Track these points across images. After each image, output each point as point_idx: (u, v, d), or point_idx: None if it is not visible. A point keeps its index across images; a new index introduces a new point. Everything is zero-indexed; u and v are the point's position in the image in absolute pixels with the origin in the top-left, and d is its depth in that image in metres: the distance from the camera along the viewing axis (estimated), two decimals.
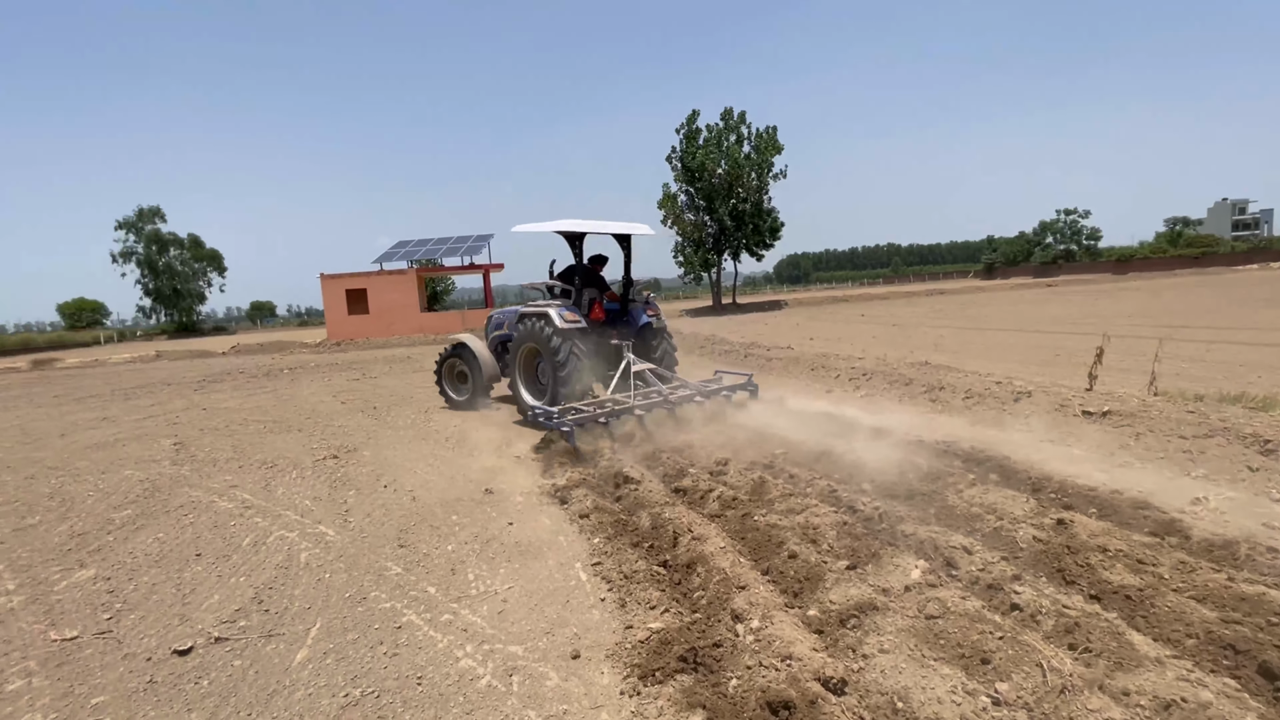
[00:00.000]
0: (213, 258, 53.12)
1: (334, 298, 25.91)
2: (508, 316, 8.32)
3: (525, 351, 7.34)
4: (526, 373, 7.45)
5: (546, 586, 3.14)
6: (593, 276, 7.69)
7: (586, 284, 7.51)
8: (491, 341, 8.54)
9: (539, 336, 6.89)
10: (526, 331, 7.16)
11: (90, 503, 5.05)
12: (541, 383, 7.26)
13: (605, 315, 7.40)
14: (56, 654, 2.74)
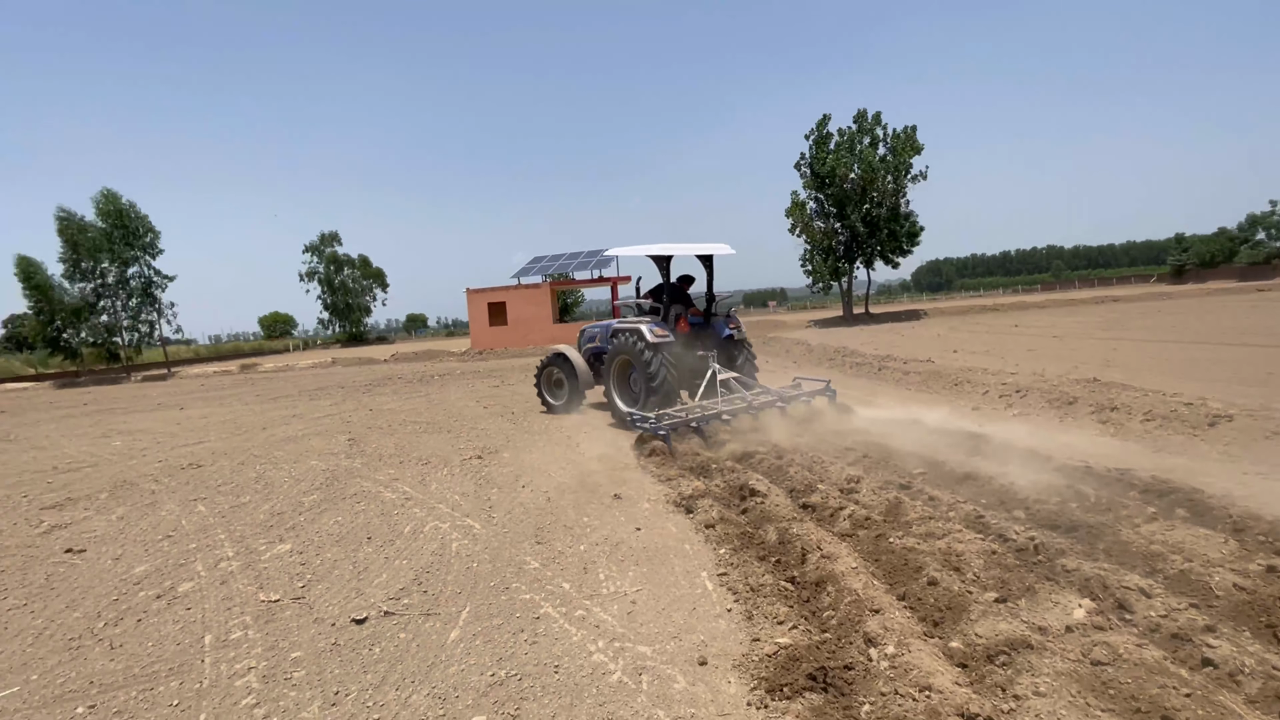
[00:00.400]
0: (378, 275, 59.82)
1: (477, 310, 28.16)
2: (600, 330, 9.11)
3: (619, 363, 8.03)
4: (620, 382, 8.13)
5: (673, 592, 3.21)
6: (679, 293, 8.34)
7: (674, 300, 8.16)
8: (585, 353, 9.25)
9: (632, 350, 7.55)
10: (620, 345, 7.85)
11: (285, 487, 5.92)
12: (634, 391, 7.86)
13: (690, 328, 8.03)
14: (264, 612, 3.26)
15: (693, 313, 8.33)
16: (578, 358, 9.06)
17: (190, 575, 3.84)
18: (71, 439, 10.35)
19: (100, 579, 3.90)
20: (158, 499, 5.81)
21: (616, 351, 7.98)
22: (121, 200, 32.04)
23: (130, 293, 32.76)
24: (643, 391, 7.48)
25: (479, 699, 2.39)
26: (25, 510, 5.72)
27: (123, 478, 6.87)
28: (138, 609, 3.41)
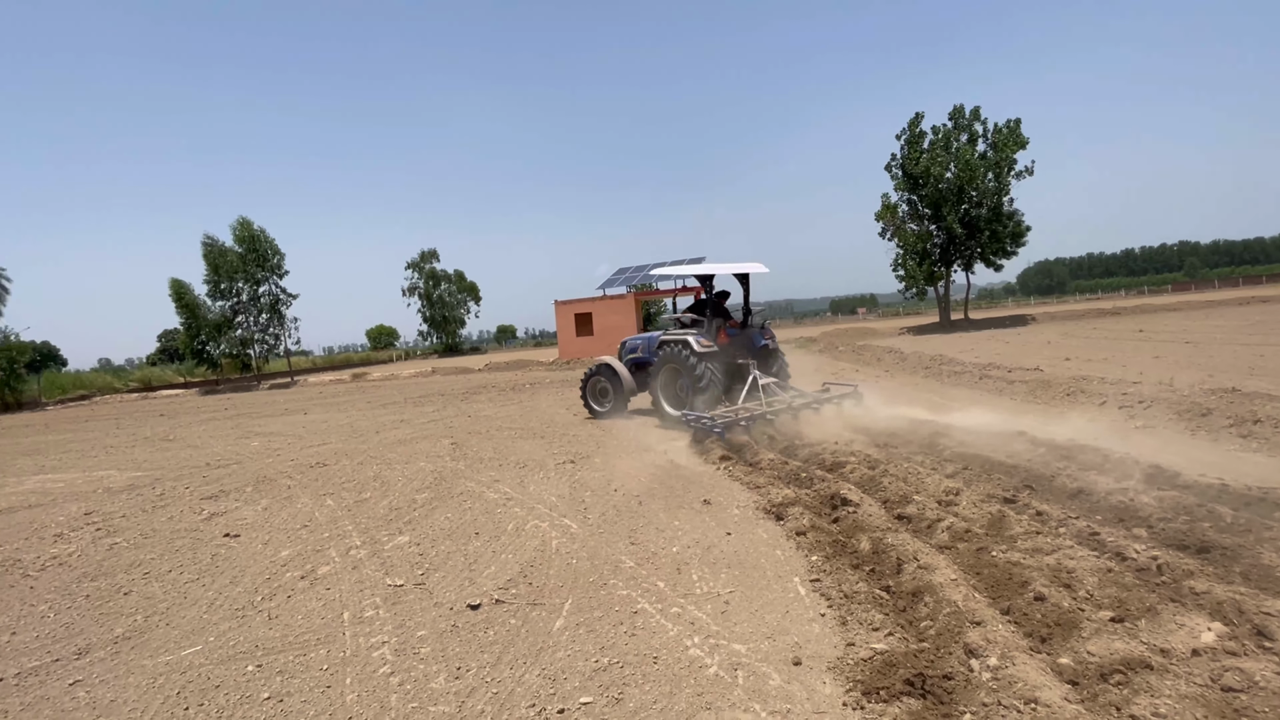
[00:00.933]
0: (471, 289, 63.06)
1: (565, 321, 29.12)
2: (642, 342, 10.11)
3: (667, 371, 8.95)
4: (667, 388, 9.06)
5: (765, 596, 3.28)
6: (719, 308, 9.25)
7: (715, 314, 9.04)
8: (626, 363, 10.17)
9: (679, 359, 8.48)
10: (668, 355, 8.76)
11: (399, 485, 6.46)
12: (680, 395, 8.78)
13: (729, 339, 8.76)
14: (391, 595, 3.63)
15: (730, 324, 9.11)
16: (622, 368, 9.98)
17: (326, 560, 4.32)
18: (218, 439, 11.70)
19: (254, 560, 4.46)
20: (293, 493, 6.51)
21: (665, 361, 8.85)
22: (253, 226, 35.83)
23: (261, 309, 36.50)
24: (690, 395, 8.36)
25: (585, 681, 2.58)
26: (189, 500, 6.57)
27: (262, 474, 7.73)
28: (286, 587, 3.89)
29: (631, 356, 10.18)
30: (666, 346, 8.83)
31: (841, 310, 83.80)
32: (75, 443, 13.14)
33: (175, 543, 5.04)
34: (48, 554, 4.99)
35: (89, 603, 3.90)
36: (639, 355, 10.05)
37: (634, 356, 10.14)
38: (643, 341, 10.10)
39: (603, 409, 10.14)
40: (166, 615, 3.60)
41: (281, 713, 2.53)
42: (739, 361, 8.61)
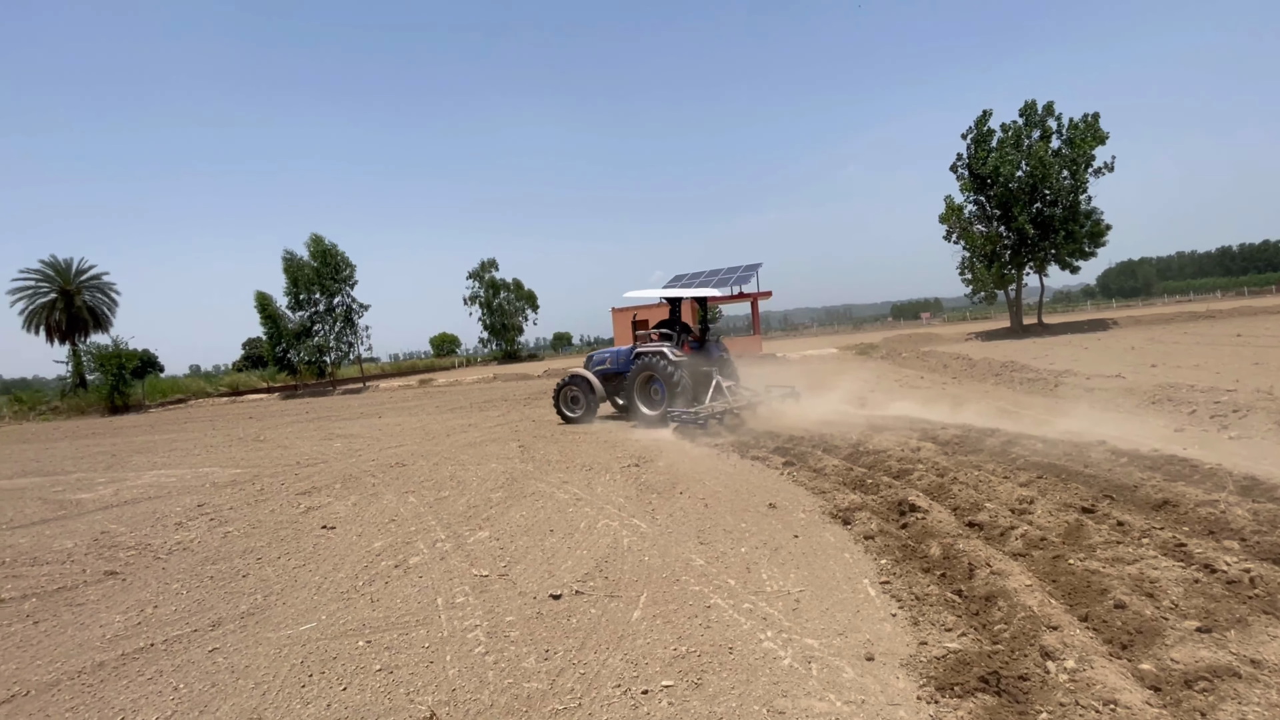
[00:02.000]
0: (529, 297, 64.63)
1: (622, 327, 29.49)
2: (610, 355, 11.60)
3: (642, 378, 10.32)
4: (641, 392, 10.41)
5: (835, 595, 3.37)
6: (684, 325, 10.85)
7: (682, 330, 10.71)
8: (595, 374, 11.46)
9: (656, 366, 9.95)
10: (645, 364, 10.18)
11: (475, 485, 6.83)
12: (653, 398, 10.24)
13: (691, 350, 10.42)
14: (478, 585, 3.91)
15: (693, 339, 10.80)
16: (593, 378, 11.34)
17: (416, 552, 4.66)
18: (303, 440, 12.55)
19: (350, 550, 4.86)
20: (378, 491, 6.98)
21: (641, 369, 10.27)
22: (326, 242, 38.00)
23: (335, 318, 38.62)
24: (666, 396, 9.90)
25: (665, 667, 2.75)
26: (286, 495, 7.15)
27: (348, 472, 8.29)
28: (383, 574, 4.23)
29: (600, 368, 11.57)
30: (643, 357, 10.29)
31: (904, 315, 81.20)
32: (179, 442, 14.34)
33: (279, 533, 5.53)
34: (172, 540, 5.56)
35: (214, 583, 4.36)
36: (607, 367, 11.48)
37: (602, 368, 11.54)
38: (610, 355, 11.62)
39: (575, 414, 11.44)
40: (282, 596, 4.00)
41: (393, 683, 2.81)
42: (704, 369, 10.23)
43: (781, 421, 8.99)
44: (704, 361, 10.38)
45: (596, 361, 11.75)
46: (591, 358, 11.93)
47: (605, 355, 11.73)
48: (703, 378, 10.09)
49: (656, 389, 10.11)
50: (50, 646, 3.51)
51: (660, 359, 9.93)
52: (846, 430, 7.65)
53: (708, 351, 10.67)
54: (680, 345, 10.32)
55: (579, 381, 11.45)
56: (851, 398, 11.19)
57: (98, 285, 41.51)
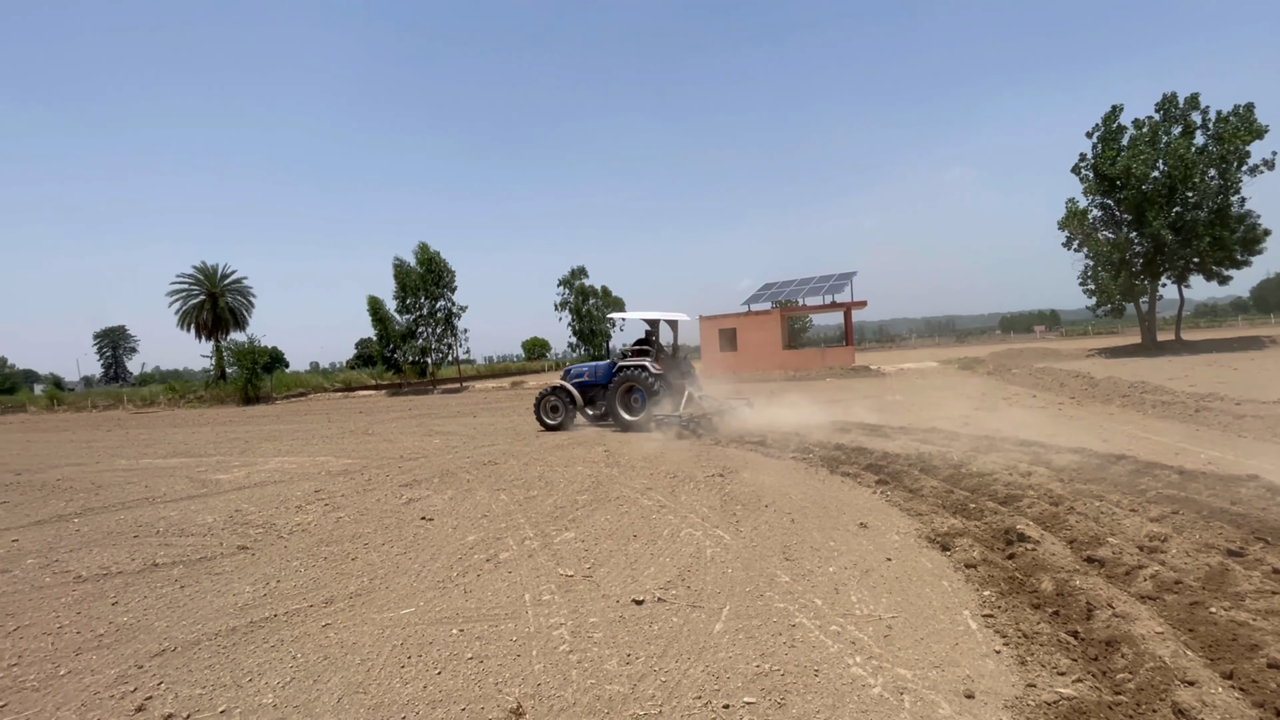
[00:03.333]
0: (617, 304, 65.75)
1: (709, 336, 29.38)
2: (588, 369, 12.90)
3: (623, 388, 11.85)
4: (623, 400, 11.89)
5: (931, 625, 3.18)
6: (658, 344, 12.43)
7: (656, 348, 12.32)
8: (574, 386, 12.72)
9: (638, 378, 11.60)
10: (626, 376, 11.80)
11: (562, 486, 7.02)
12: (633, 406, 11.78)
13: (664, 365, 11.95)
14: (563, 584, 4.01)
15: (665, 356, 12.34)
16: (573, 389, 12.61)
17: (506, 548, 4.86)
18: (406, 436, 13.40)
19: (446, 541, 5.14)
20: (472, 486, 7.34)
21: (622, 380, 11.83)
22: (430, 249, 40.52)
23: (437, 322, 41.08)
24: (644, 405, 11.50)
25: (747, 683, 2.70)
26: (390, 487, 7.66)
27: (445, 468, 8.77)
28: (475, 567, 4.44)
29: (578, 380, 12.86)
30: (625, 370, 11.93)
31: (1015, 328, 75.47)
32: (300, 432, 15.74)
33: (384, 521, 5.94)
34: (293, 521, 6.11)
35: (327, 563, 4.75)
36: (585, 379, 12.80)
37: (580, 380, 12.83)
38: (588, 369, 12.91)
39: (554, 422, 12.53)
40: (385, 580, 4.29)
41: (483, 671, 2.94)
42: (677, 381, 11.90)
43: (748, 425, 10.71)
44: (676, 375, 12.02)
45: (575, 374, 13.05)
46: (569, 371, 13.24)
47: (584, 369, 13.06)
48: (677, 388, 11.80)
49: (637, 398, 11.79)
50: (193, 609, 3.95)
51: (642, 371, 11.62)
52: (947, 449, 7.21)
53: (679, 367, 12.29)
54: (657, 360, 11.97)
55: (559, 392, 12.68)
56: (951, 416, 10.52)
57: (238, 289, 46.49)
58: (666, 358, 12.24)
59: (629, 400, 11.90)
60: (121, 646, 3.46)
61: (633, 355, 12.31)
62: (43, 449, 15.48)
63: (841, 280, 27.90)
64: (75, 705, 2.86)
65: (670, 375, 11.86)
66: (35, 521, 6.82)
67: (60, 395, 45.08)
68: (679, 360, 12.45)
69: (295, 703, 2.78)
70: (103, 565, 4.98)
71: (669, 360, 12.21)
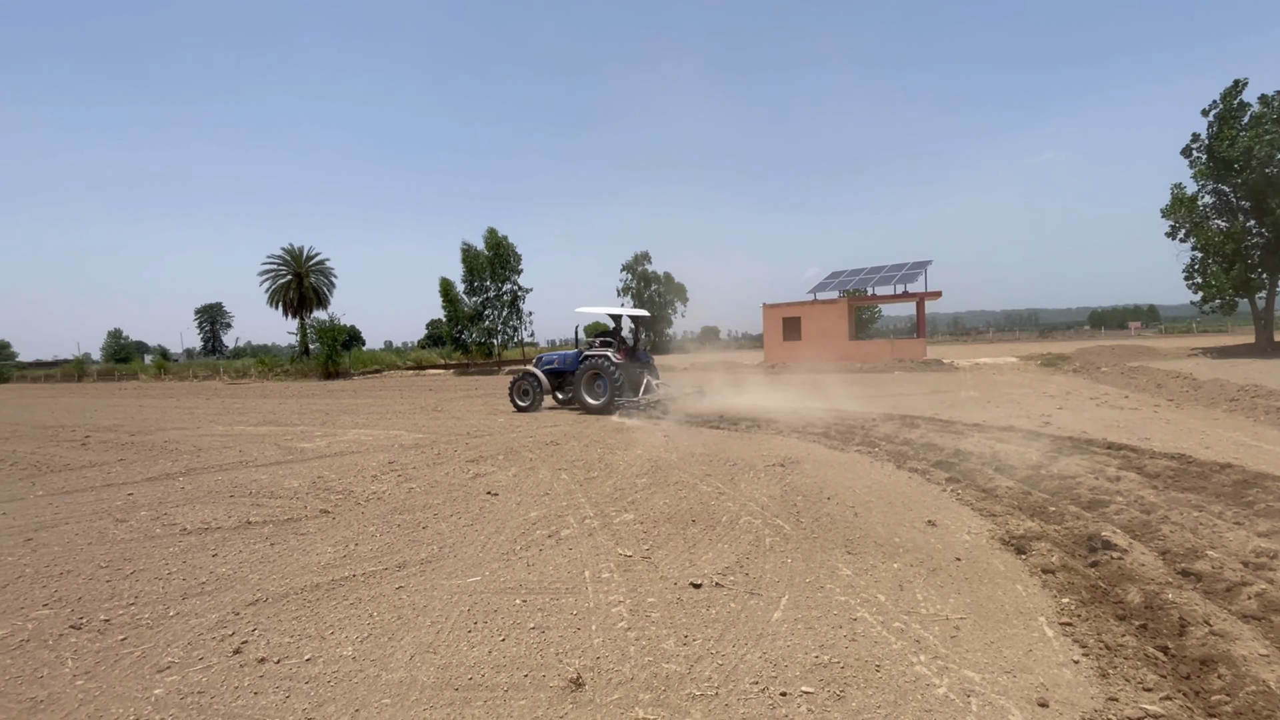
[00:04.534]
0: (679, 290, 65.50)
1: (772, 324, 28.86)
2: (557, 358, 14.21)
3: (589, 375, 13.06)
4: (588, 386, 13.11)
5: (1003, 629, 3.05)
6: (620, 336, 13.78)
7: (619, 341, 13.58)
8: (544, 372, 14.04)
9: (602, 366, 12.78)
10: (591, 364, 12.97)
11: (621, 469, 7.11)
12: (596, 392, 12.99)
13: (625, 356, 13.29)
14: (622, 563, 4.09)
15: (627, 348, 13.65)
16: (542, 374, 13.91)
17: (566, 525, 4.98)
18: (473, 414, 13.90)
19: (510, 516, 5.32)
20: (534, 465, 7.55)
21: (588, 369, 13.02)
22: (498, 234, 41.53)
23: (503, 304, 42.20)
24: (607, 390, 12.71)
25: (805, 673, 2.68)
26: (457, 462, 7.99)
27: (509, 446, 9.04)
28: (537, 542, 4.58)
29: (548, 367, 14.16)
30: (590, 359, 13.08)
31: (1106, 324, 70.39)
32: (375, 407, 16.59)
33: (452, 493, 6.20)
34: (369, 489, 6.48)
35: (400, 530, 5.01)
36: (555, 366, 14.09)
37: (550, 367, 14.13)
38: (558, 357, 14.18)
39: (524, 404, 13.73)
40: (453, 549, 4.49)
41: (544, 641, 3.05)
42: (636, 370, 13.35)
43: (701, 407, 12.40)
44: (636, 365, 13.47)
45: (545, 362, 14.37)
46: (541, 358, 14.59)
47: (554, 357, 14.36)
48: (636, 376, 13.26)
49: (600, 384, 12.97)
50: (282, 565, 4.27)
51: (605, 361, 12.83)
52: (1024, 449, 6.83)
53: (639, 358, 13.74)
54: (619, 352, 13.17)
55: (530, 377, 13.88)
56: (1031, 415, 9.95)
57: (321, 269, 49.18)
58: (628, 349, 13.59)
59: (593, 386, 13.09)
60: (221, 594, 3.78)
61: (598, 346, 13.52)
62: (152, 413, 17.00)
63: (915, 269, 26.71)
64: (183, 643, 3.16)
65: (631, 365, 13.26)
66: (147, 478, 7.52)
67: (166, 365, 49.28)
68: (639, 352, 13.95)
69: (372, 657, 2.97)
70: (204, 520, 5.45)
71: (630, 352, 13.59)
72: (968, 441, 7.69)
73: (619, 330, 13.98)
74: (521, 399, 13.93)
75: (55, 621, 3.46)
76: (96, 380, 47.08)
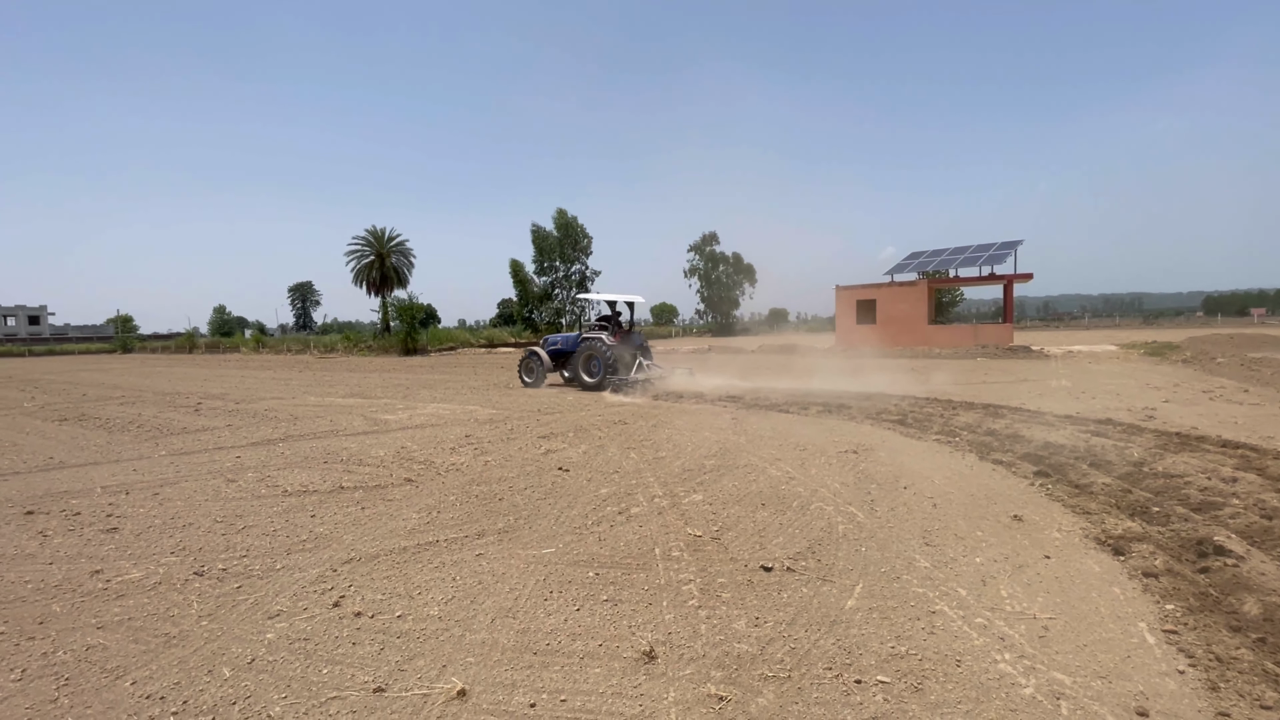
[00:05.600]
0: (748, 271, 64.40)
1: (845, 307, 27.94)
2: (561, 339, 15.42)
3: (585, 355, 14.17)
4: (585, 365, 14.18)
5: (1097, 633, 2.88)
6: (616, 320, 14.89)
7: (614, 324, 14.74)
8: (548, 352, 15.25)
9: (596, 348, 13.94)
10: (588, 346, 14.14)
11: (689, 450, 7.13)
12: (592, 371, 14.06)
13: (620, 338, 14.39)
14: (691, 543, 4.12)
15: (622, 331, 14.75)
16: (544, 354, 15.13)
17: (636, 503, 5.07)
18: (542, 393, 14.26)
19: (581, 492, 5.46)
20: (604, 443, 7.69)
21: (584, 349, 14.18)
22: (568, 215, 42.05)
23: (572, 284, 42.88)
24: (601, 370, 13.83)
25: (881, 662, 2.64)
26: (530, 437, 8.24)
27: (579, 424, 9.24)
28: (608, 518, 4.69)
29: (552, 348, 15.34)
30: (587, 340, 14.24)
31: (1222, 310, 64.07)
32: (451, 382, 17.32)
33: (526, 468, 6.42)
34: (448, 461, 6.80)
35: (478, 501, 5.25)
36: (559, 347, 15.24)
37: (554, 348, 15.30)
38: (561, 339, 15.40)
39: (529, 380, 15.09)
40: (528, 521, 4.67)
41: (617, 614, 3.14)
42: (629, 352, 14.35)
43: (685, 386, 13.39)
44: (629, 347, 14.49)
45: (550, 343, 15.60)
46: (547, 340, 15.75)
47: (558, 339, 15.55)
48: (629, 357, 14.31)
49: (595, 364, 14.06)
50: (372, 528, 4.57)
51: (599, 343, 14.02)
52: (1125, 444, 6.36)
53: (632, 340, 14.83)
54: (613, 335, 14.37)
55: (535, 356, 15.17)
56: (1133, 407, 9.23)
57: (401, 250, 51.43)
58: (622, 333, 14.70)
59: (589, 366, 14.17)
60: (320, 551, 4.10)
61: (595, 329, 14.74)
62: (253, 384, 18.43)
63: (1004, 249, 25.07)
64: (289, 594, 3.45)
65: (625, 347, 14.40)
66: (252, 443, 8.19)
67: (263, 340, 53.21)
68: (633, 334, 15.14)
69: (456, 617, 3.15)
70: (302, 484, 5.89)
71: (624, 334, 14.71)
72: (1059, 434, 7.23)
73: (616, 315, 15.09)
74: (527, 376, 15.23)
75: (181, 568, 3.86)
76: (204, 352, 51.41)
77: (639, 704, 2.42)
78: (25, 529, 4.73)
